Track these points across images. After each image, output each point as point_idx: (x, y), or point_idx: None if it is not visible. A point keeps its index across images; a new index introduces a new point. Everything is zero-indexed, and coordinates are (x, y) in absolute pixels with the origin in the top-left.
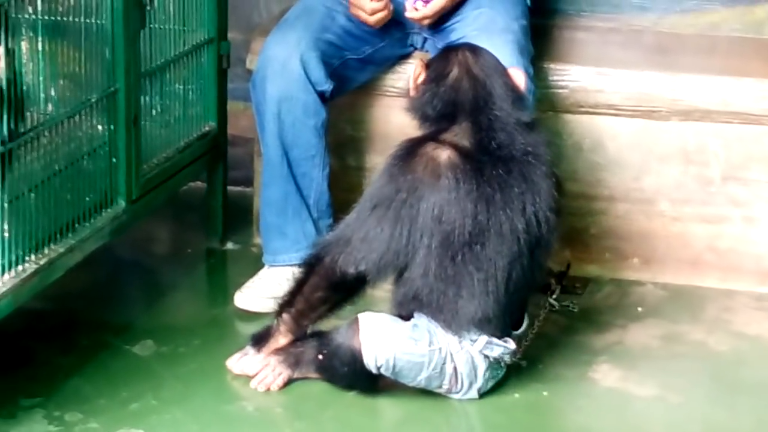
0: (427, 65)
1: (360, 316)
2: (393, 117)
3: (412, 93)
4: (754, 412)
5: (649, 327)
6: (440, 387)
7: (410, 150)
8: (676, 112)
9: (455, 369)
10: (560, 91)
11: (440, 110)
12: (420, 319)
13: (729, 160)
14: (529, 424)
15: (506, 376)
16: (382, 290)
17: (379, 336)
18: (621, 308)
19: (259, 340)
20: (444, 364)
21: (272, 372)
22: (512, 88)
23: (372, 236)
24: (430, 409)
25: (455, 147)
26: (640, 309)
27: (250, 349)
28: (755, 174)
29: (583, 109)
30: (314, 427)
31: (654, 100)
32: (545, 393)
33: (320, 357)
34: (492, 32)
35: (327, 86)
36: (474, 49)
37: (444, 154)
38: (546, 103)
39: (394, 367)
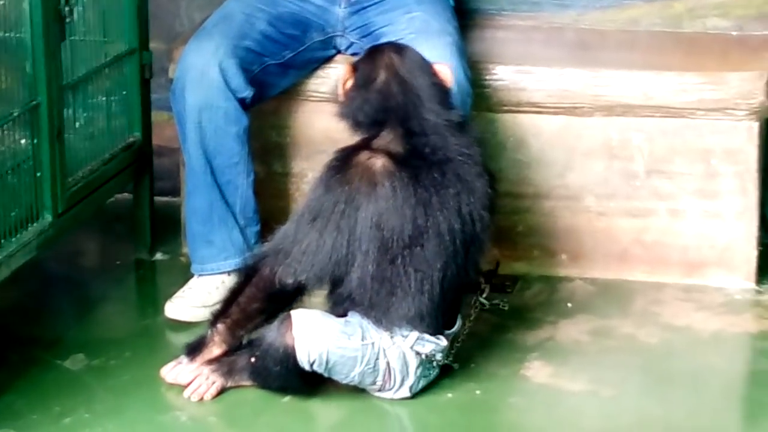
0: (354, 69)
1: (292, 312)
2: (317, 122)
3: (341, 99)
4: (685, 403)
5: (579, 322)
6: (374, 384)
7: (345, 160)
8: (598, 108)
9: (388, 364)
10: (483, 90)
11: (371, 116)
12: (353, 316)
13: (652, 153)
14: (463, 424)
15: (439, 376)
16: (318, 294)
17: (312, 331)
18: (551, 305)
19: (193, 350)
20: (377, 359)
21: (205, 381)
22: (440, 87)
23: (313, 248)
24: (363, 413)
25: (389, 154)
26: (569, 305)
27: (184, 359)
28: (678, 167)
29: (506, 108)
30: None
31: (576, 96)
32: (478, 392)
33: (253, 360)
34: (430, 34)
35: (247, 93)
36: (399, 49)
37: (379, 162)
38: (472, 104)
39: (327, 362)
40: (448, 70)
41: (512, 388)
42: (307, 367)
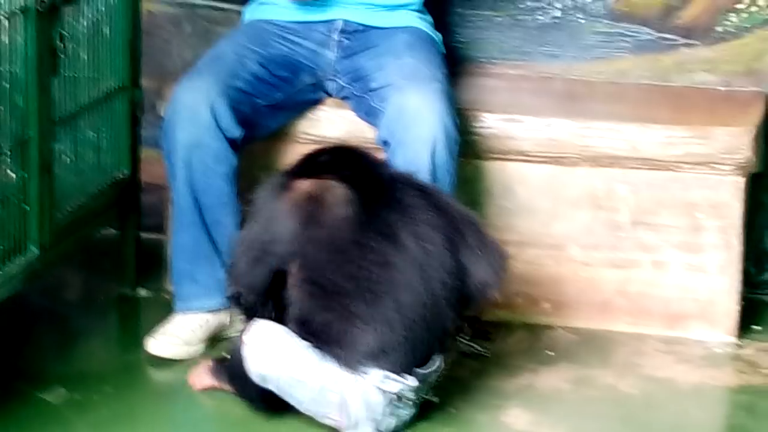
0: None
1: (256, 323)
2: None
3: None
4: None
5: (560, 371)
6: (328, 417)
7: (282, 184)
8: (585, 158)
9: (344, 399)
10: (471, 137)
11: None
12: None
13: (638, 205)
14: None
15: (418, 417)
16: None
17: (265, 346)
18: (532, 352)
19: None
20: (330, 391)
21: (199, 374)
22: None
23: (243, 265)
24: None
25: (345, 180)
26: (551, 353)
27: None
28: (663, 219)
29: (493, 156)
30: None
31: (563, 146)
32: None
33: (225, 363)
34: (419, 81)
35: (237, 133)
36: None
37: (330, 185)
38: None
39: (277, 378)
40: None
41: None
42: (260, 383)
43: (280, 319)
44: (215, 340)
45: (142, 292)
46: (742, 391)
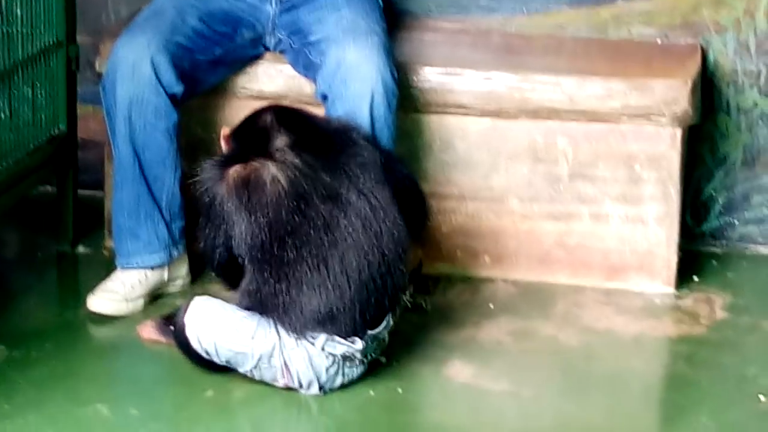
0: (232, 129)
1: (194, 298)
2: None
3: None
4: (603, 404)
5: (501, 323)
6: (276, 380)
7: (216, 175)
8: (524, 112)
9: (285, 364)
10: (410, 91)
11: (244, 146)
12: (257, 314)
13: (577, 158)
14: (385, 422)
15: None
16: None
17: (203, 322)
18: (473, 305)
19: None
20: (271, 357)
21: (146, 327)
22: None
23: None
24: (284, 409)
25: (282, 156)
26: (491, 306)
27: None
28: (602, 171)
29: (433, 109)
30: (169, 427)
31: (502, 99)
32: (400, 390)
33: (172, 328)
34: (357, 34)
35: (178, 88)
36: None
37: (268, 162)
38: (398, 104)
39: (217, 353)
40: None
41: (434, 387)
42: (203, 355)
43: None
44: (155, 294)
45: (81, 249)
46: (681, 341)
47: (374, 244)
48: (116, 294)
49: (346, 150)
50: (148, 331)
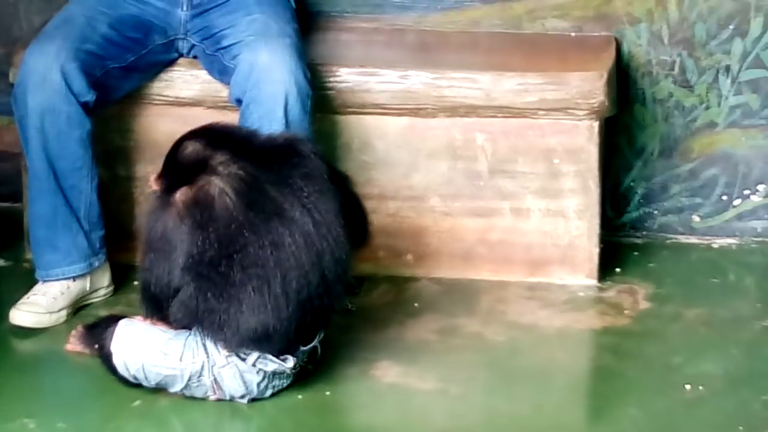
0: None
1: (120, 322)
2: (161, 125)
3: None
4: (531, 399)
5: (427, 322)
6: (207, 396)
7: (162, 204)
8: (441, 109)
9: (215, 381)
10: (327, 92)
11: (182, 170)
12: (183, 333)
13: (495, 153)
14: (314, 425)
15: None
16: None
17: (129, 346)
18: (398, 305)
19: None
20: (200, 376)
21: (73, 338)
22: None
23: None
24: (215, 416)
25: (216, 177)
26: (416, 304)
27: None
28: (521, 166)
29: (350, 110)
30: None
31: (420, 97)
32: (328, 392)
33: (96, 347)
34: (269, 37)
35: (90, 97)
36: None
37: (202, 184)
38: (314, 105)
39: (146, 377)
40: None
41: (362, 388)
42: (132, 380)
43: None
44: (78, 305)
45: (1, 262)
46: (606, 332)
47: (315, 263)
48: (38, 306)
49: (289, 161)
50: (71, 342)
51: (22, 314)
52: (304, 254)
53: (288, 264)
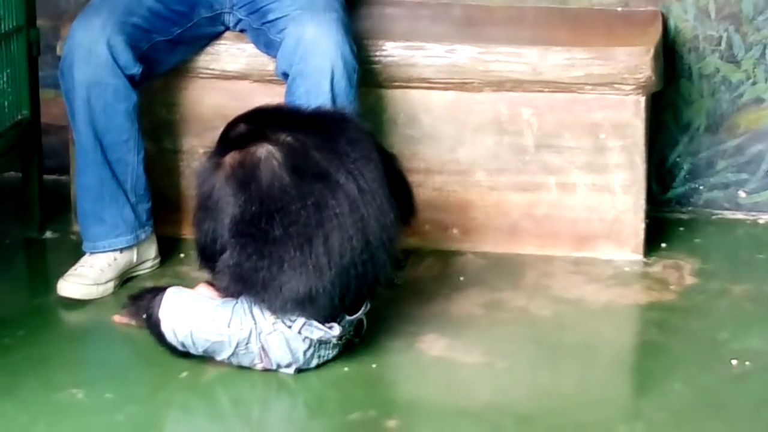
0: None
1: (167, 290)
2: (207, 99)
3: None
4: (576, 374)
5: (472, 296)
6: (254, 364)
7: (212, 166)
8: (488, 83)
9: (262, 348)
10: (373, 66)
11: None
12: (231, 301)
13: (541, 128)
14: (360, 398)
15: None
16: None
17: (177, 313)
18: (443, 278)
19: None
20: (248, 343)
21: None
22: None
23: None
24: (261, 388)
25: (269, 142)
26: (461, 278)
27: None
28: (567, 141)
29: (396, 84)
30: (145, 410)
31: (466, 72)
32: (374, 365)
33: (144, 317)
34: (316, 10)
35: (136, 70)
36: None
37: (258, 147)
38: (359, 79)
39: (194, 344)
40: None
41: (407, 362)
42: (180, 348)
43: None
44: (125, 277)
45: (49, 234)
46: (652, 307)
47: (359, 228)
48: (86, 278)
49: (335, 127)
50: (119, 314)
51: (70, 286)
52: (347, 218)
53: (330, 225)
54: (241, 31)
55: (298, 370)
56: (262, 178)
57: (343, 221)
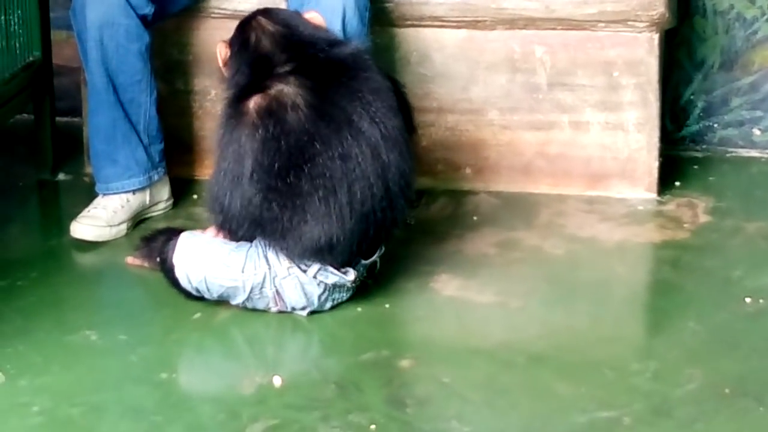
0: (229, 43)
1: (181, 234)
2: (219, 38)
3: (224, 73)
4: (589, 311)
5: (485, 235)
6: (269, 308)
7: (239, 96)
8: (500, 21)
9: (277, 292)
10: (385, 4)
11: (254, 74)
12: (245, 245)
13: (554, 66)
14: (373, 337)
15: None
16: None
17: (191, 258)
18: (456, 218)
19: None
20: (262, 288)
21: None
22: (316, 28)
23: (234, 203)
24: (275, 328)
25: (283, 84)
26: (475, 218)
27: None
28: (580, 79)
29: (408, 22)
30: (159, 351)
31: (478, 10)
32: (387, 305)
33: (158, 260)
34: None
35: (148, 9)
36: (267, 12)
37: (272, 92)
38: (372, 18)
39: (208, 289)
40: (318, 16)
41: (421, 301)
42: (194, 293)
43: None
44: (138, 219)
45: (61, 176)
46: (666, 246)
47: (380, 175)
48: (99, 220)
49: (358, 74)
50: (131, 256)
51: (83, 227)
52: (370, 166)
53: (354, 175)
54: None
55: (312, 312)
56: (289, 129)
57: (365, 169)
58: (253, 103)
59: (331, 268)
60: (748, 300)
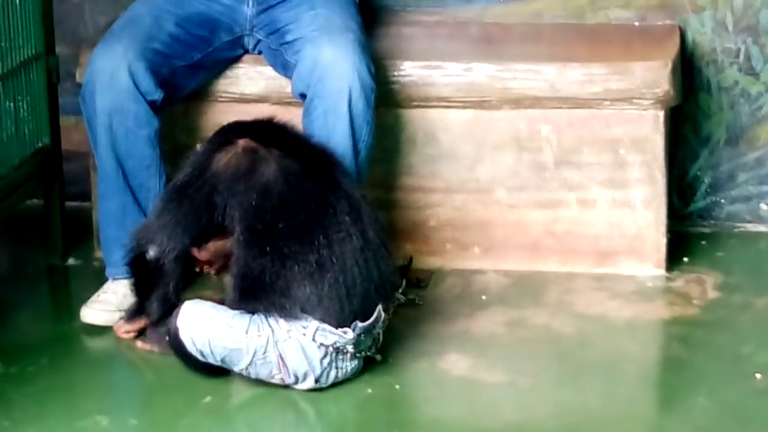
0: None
1: (184, 303)
2: (226, 122)
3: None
4: (600, 390)
5: (494, 314)
6: (272, 377)
7: (223, 141)
8: (506, 101)
9: (280, 357)
10: (391, 86)
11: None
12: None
13: (561, 144)
14: (385, 419)
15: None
16: None
17: (195, 322)
18: (465, 297)
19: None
20: (266, 351)
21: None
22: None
23: (171, 222)
24: (283, 411)
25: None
26: (484, 297)
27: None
28: (587, 157)
29: (414, 103)
30: None
31: (484, 90)
32: (397, 386)
33: (167, 338)
34: (332, 32)
35: (157, 95)
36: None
37: (253, 145)
38: (377, 99)
39: (212, 352)
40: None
41: (431, 382)
42: (199, 357)
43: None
44: None
45: (71, 261)
46: (675, 322)
47: (358, 228)
48: (109, 304)
49: (328, 160)
50: (143, 341)
51: (93, 312)
52: (352, 220)
53: (336, 228)
54: (260, 53)
55: (318, 383)
56: (275, 180)
57: (346, 222)
58: (243, 141)
59: (328, 327)
60: (758, 376)
